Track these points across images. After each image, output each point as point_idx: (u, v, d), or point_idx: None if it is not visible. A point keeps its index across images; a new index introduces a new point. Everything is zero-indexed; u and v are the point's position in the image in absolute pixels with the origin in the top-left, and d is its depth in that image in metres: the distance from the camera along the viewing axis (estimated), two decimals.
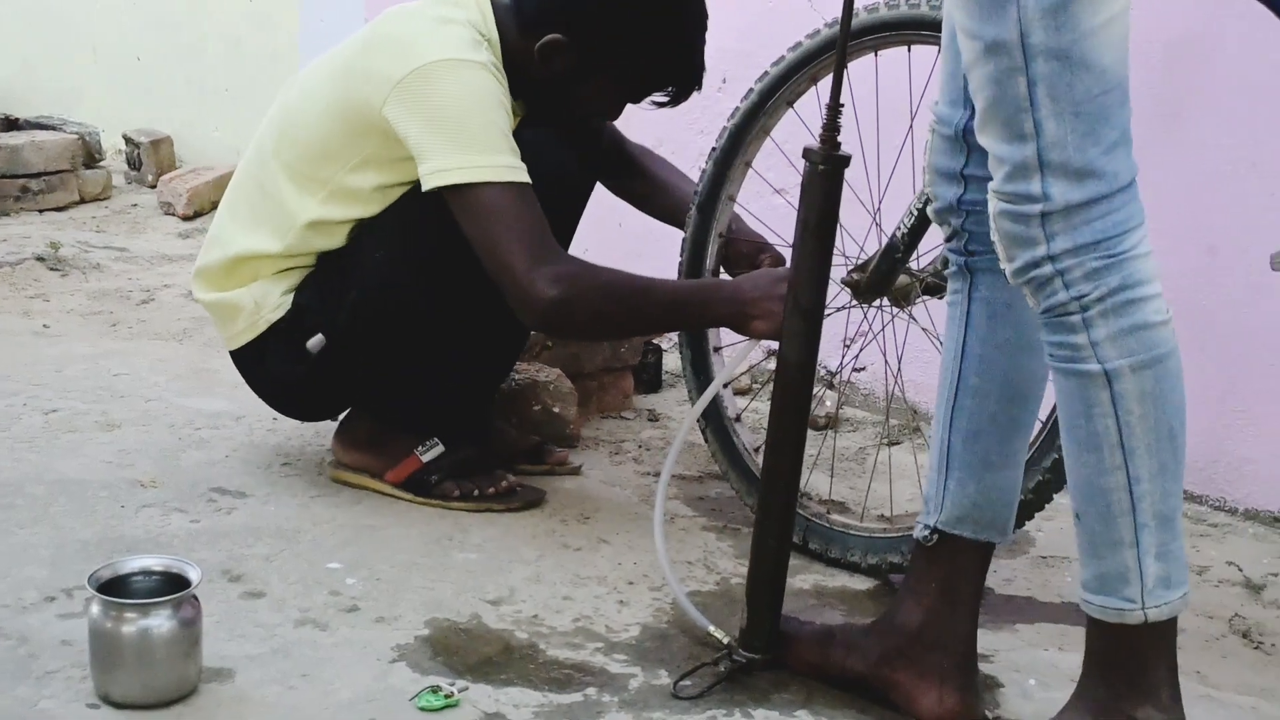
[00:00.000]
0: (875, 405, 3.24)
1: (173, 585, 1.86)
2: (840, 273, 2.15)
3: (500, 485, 2.54)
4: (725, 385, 2.51)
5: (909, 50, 2.34)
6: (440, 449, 2.53)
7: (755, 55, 2.74)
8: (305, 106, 2.44)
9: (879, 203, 2.45)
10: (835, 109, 1.87)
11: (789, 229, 1.98)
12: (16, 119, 5.04)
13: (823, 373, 3.08)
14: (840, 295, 2.28)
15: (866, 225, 2.44)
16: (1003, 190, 1.63)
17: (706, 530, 2.53)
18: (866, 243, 2.37)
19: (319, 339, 2.42)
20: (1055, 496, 2.19)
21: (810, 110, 2.41)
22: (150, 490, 2.49)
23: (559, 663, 2.01)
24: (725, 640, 2.01)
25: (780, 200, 2.85)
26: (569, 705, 1.89)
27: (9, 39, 6.03)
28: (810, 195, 1.89)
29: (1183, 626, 2.17)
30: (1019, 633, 2.20)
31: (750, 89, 2.51)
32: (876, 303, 2.33)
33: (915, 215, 2.18)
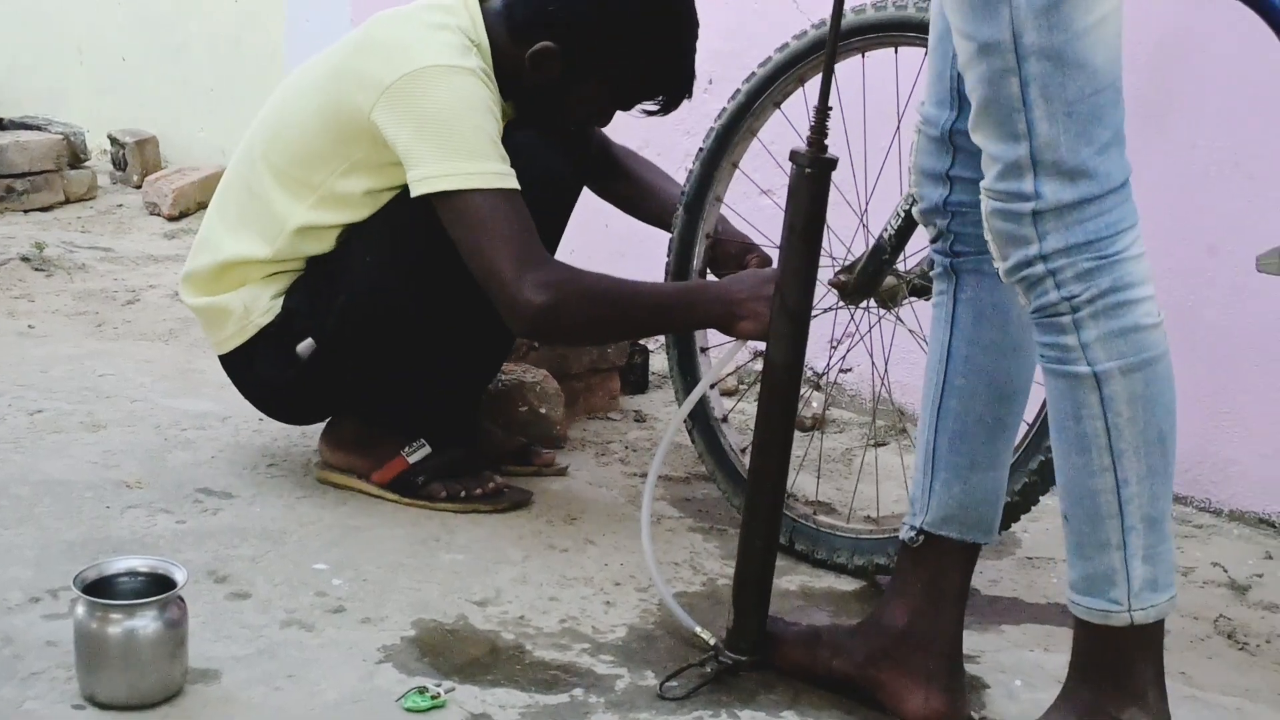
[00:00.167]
0: (862, 406, 3.25)
1: (158, 586, 1.86)
2: (827, 274, 2.15)
3: (487, 486, 2.54)
4: (712, 386, 2.52)
5: (896, 52, 2.34)
6: (427, 450, 2.52)
7: (742, 56, 2.75)
8: (294, 110, 2.43)
9: (866, 204, 2.45)
10: (823, 112, 1.87)
11: (776, 230, 1.98)
12: (1, 119, 5.02)
13: (809, 374, 3.08)
14: (827, 296, 2.29)
15: (853, 227, 2.44)
16: (994, 189, 1.63)
17: (693, 531, 2.53)
18: (853, 244, 2.37)
19: (308, 343, 2.42)
20: (1041, 498, 2.19)
21: (797, 111, 2.41)
22: (136, 491, 2.49)
23: (545, 664, 2.01)
24: (712, 641, 2.01)
25: (767, 201, 2.85)
26: (555, 706, 1.89)
27: None
28: (797, 198, 1.89)
29: (1168, 627, 2.17)
30: (1005, 634, 2.21)
31: (737, 90, 2.51)
32: (863, 304, 2.33)
33: (902, 217, 2.18)
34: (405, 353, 2.43)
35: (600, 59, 2.37)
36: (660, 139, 3.32)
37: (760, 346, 2.26)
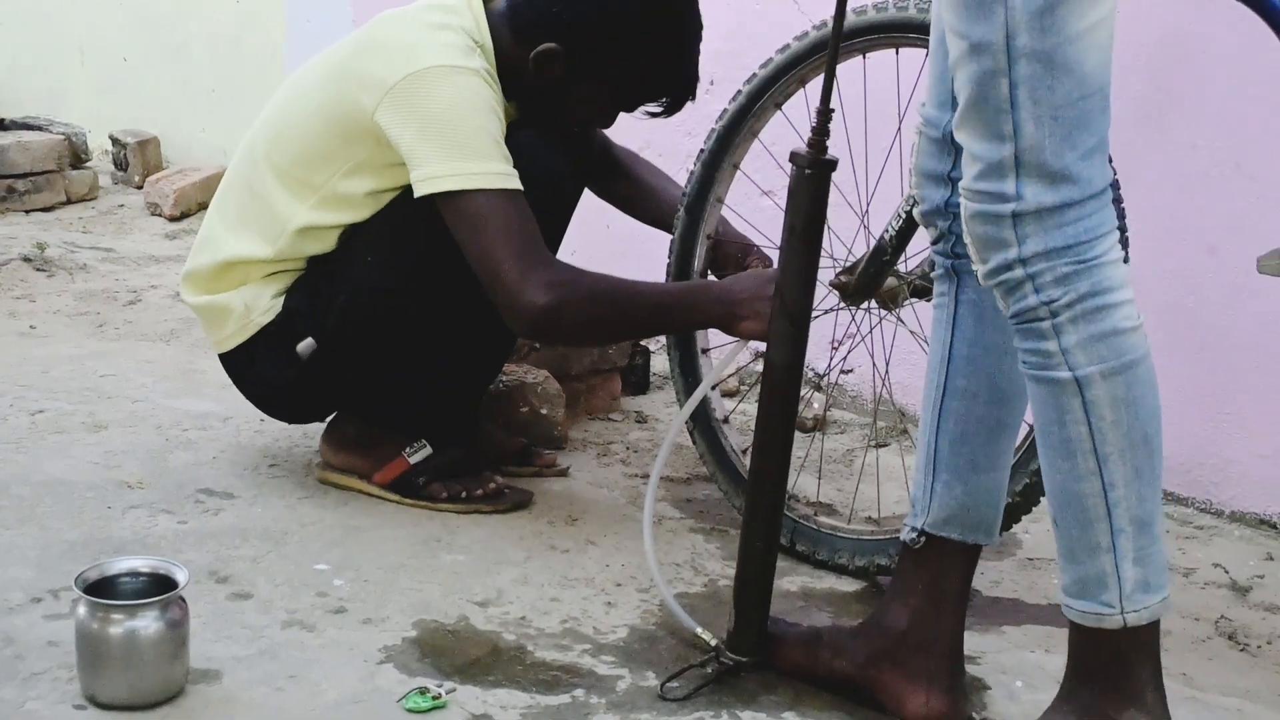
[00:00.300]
0: (863, 407, 3.25)
1: (160, 586, 1.86)
2: (828, 275, 2.15)
3: (488, 487, 2.54)
4: (713, 387, 2.52)
5: (897, 53, 2.34)
6: (428, 450, 2.53)
7: (743, 57, 2.74)
8: (297, 110, 2.43)
9: (867, 205, 2.45)
10: (825, 114, 1.86)
11: (777, 231, 1.98)
12: (2, 119, 5.02)
13: (810, 375, 3.09)
14: (828, 297, 2.29)
15: (854, 228, 2.44)
16: (974, 188, 1.63)
17: (694, 532, 2.53)
18: (854, 245, 2.37)
19: (309, 343, 2.42)
20: (1042, 499, 2.19)
21: (799, 112, 2.41)
22: (137, 491, 2.49)
23: (547, 664, 2.01)
24: (713, 642, 2.01)
25: (768, 202, 2.85)
26: (557, 707, 1.89)
27: None
28: (797, 199, 1.89)
29: (1169, 629, 2.18)
30: (1006, 635, 2.21)
31: (738, 91, 2.51)
32: (864, 305, 2.33)
33: (903, 218, 2.18)
34: (406, 353, 2.43)
35: (603, 61, 2.38)
36: (661, 140, 3.32)
37: (761, 347, 2.26)
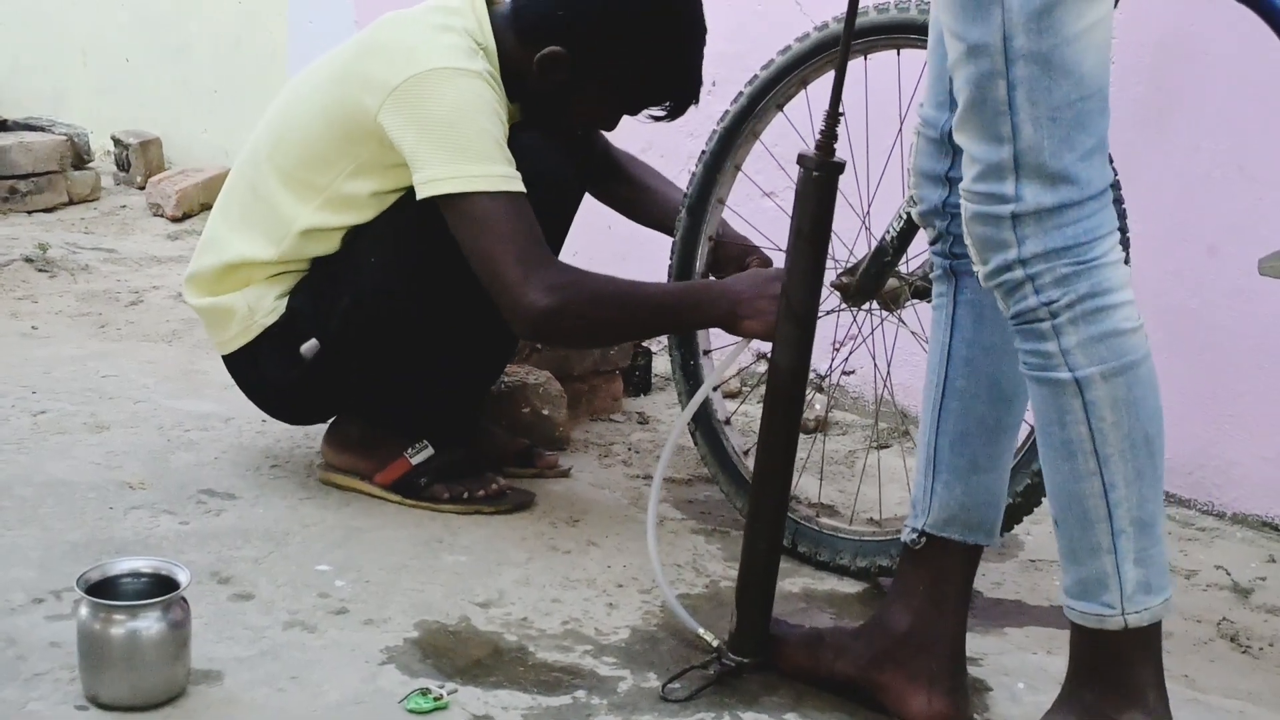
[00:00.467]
0: (864, 408, 3.25)
1: (161, 587, 1.86)
2: (830, 276, 2.15)
3: (490, 488, 2.54)
4: (715, 389, 2.51)
5: (898, 54, 2.34)
6: (430, 451, 2.53)
7: (745, 58, 2.74)
8: (300, 112, 2.43)
9: (868, 206, 2.45)
10: (834, 116, 1.86)
11: (779, 232, 1.98)
12: (5, 120, 5.02)
13: (812, 376, 3.08)
14: (830, 298, 2.29)
15: (856, 229, 2.44)
16: (973, 190, 1.63)
17: (696, 533, 2.53)
18: (855, 246, 2.37)
19: (312, 344, 2.42)
20: (1044, 500, 2.19)
21: (800, 114, 2.41)
22: (139, 492, 2.49)
23: (548, 665, 2.01)
24: (715, 643, 2.01)
25: (770, 204, 2.85)
26: (558, 708, 1.89)
27: None
28: (804, 201, 1.89)
29: (1171, 630, 2.18)
30: (1008, 636, 2.21)
31: (739, 92, 2.51)
32: (866, 306, 2.33)
33: (904, 219, 2.18)
34: (408, 354, 2.43)
35: (606, 64, 2.37)
36: (664, 141, 3.32)
37: (764, 348, 2.26)
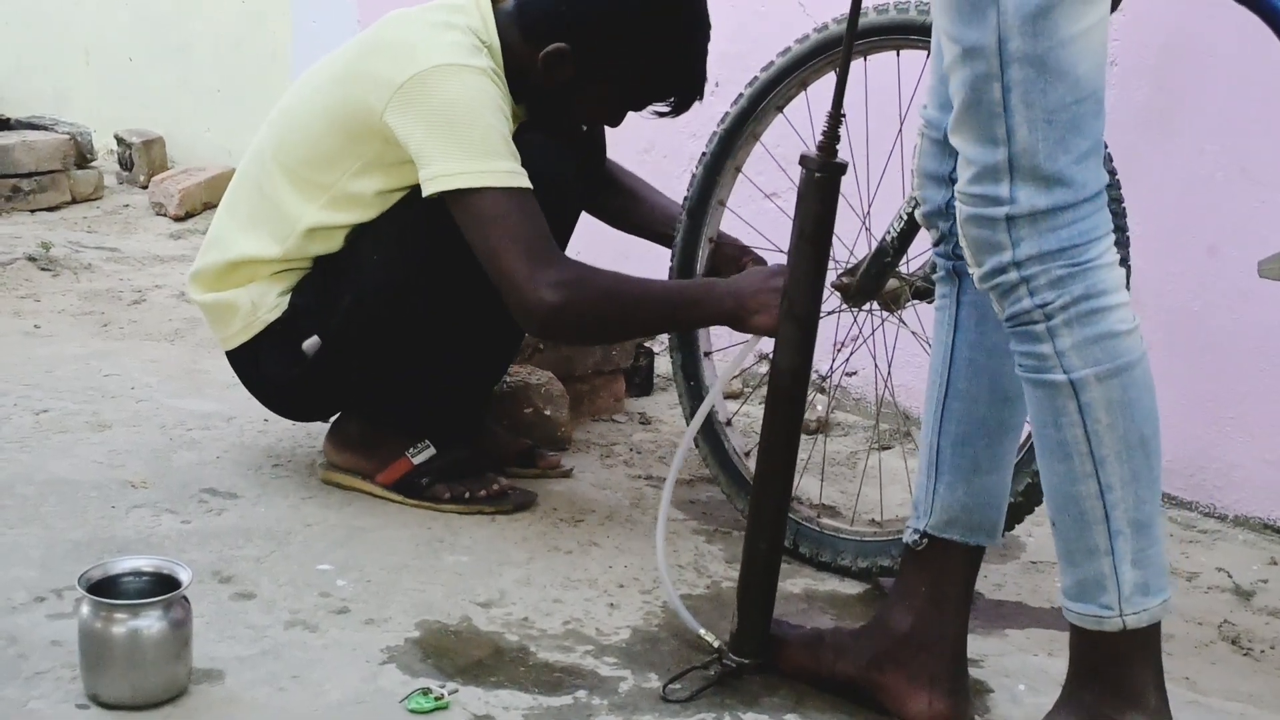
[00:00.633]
0: (866, 409, 3.25)
1: (163, 586, 1.86)
2: (830, 277, 2.15)
3: (491, 488, 2.54)
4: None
5: (898, 55, 2.34)
6: (431, 451, 2.53)
7: (747, 58, 2.74)
8: (305, 111, 2.44)
9: (869, 207, 2.45)
10: (836, 118, 1.86)
11: (780, 233, 1.98)
12: (8, 119, 5.03)
13: (813, 377, 3.08)
14: (830, 299, 2.29)
15: (856, 229, 2.44)
16: (969, 192, 1.63)
17: (697, 534, 2.53)
18: (856, 247, 2.37)
19: (314, 341, 2.42)
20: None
21: (800, 115, 2.41)
22: (141, 491, 2.49)
23: (549, 665, 2.01)
24: (716, 644, 2.01)
25: (770, 205, 2.85)
26: (559, 708, 1.89)
27: (1, 39, 6.02)
28: (806, 203, 1.89)
29: (1172, 632, 2.18)
30: (1009, 638, 2.21)
31: (740, 94, 2.51)
32: (866, 306, 2.33)
33: (905, 219, 2.18)
34: (411, 352, 2.43)
35: (609, 59, 2.37)
36: (666, 141, 3.32)
37: (765, 349, 2.26)
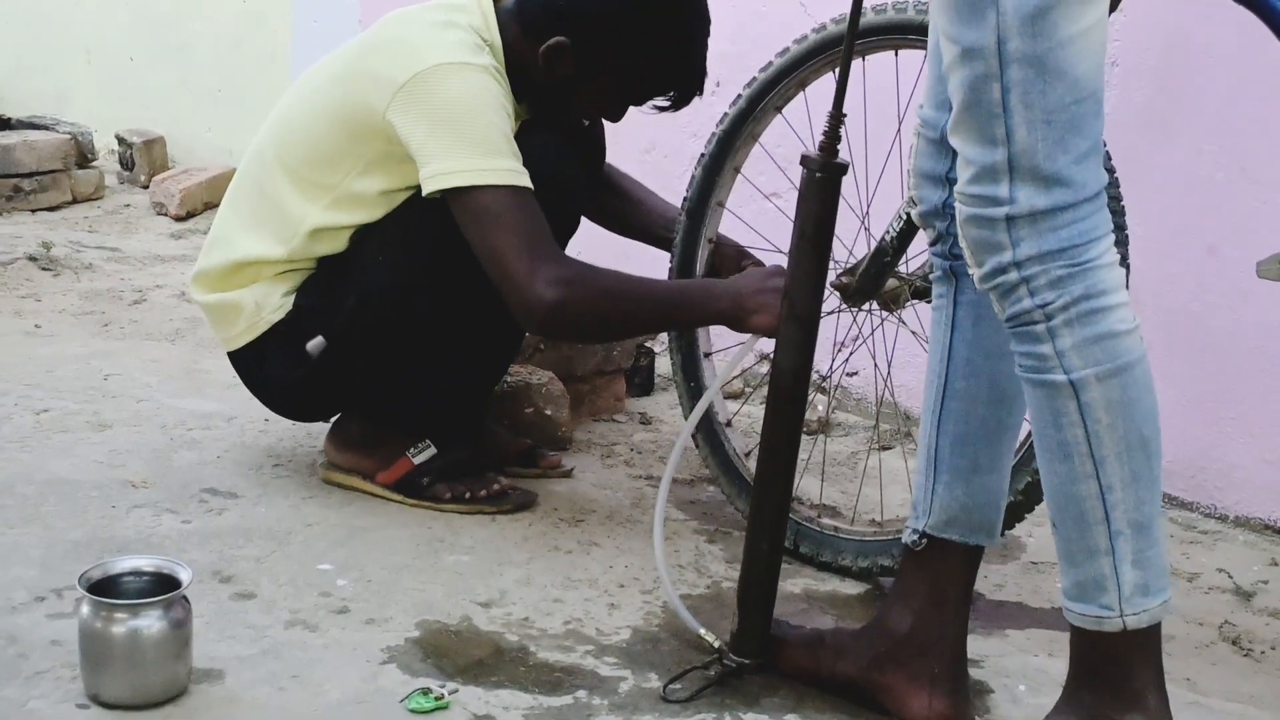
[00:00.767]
0: (867, 410, 3.25)
1: (163, 586, 1.86)
2: (830, 276, 2.15)
3: (492, 488, 2.54)
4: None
5: (896, 55, 2.34)
6: (432, 451, 2.53)
7: (748, 58, 2.74)
8: (306, 112, 2.44)
9: (868, 207, 2.45)
10: (837, 118, 1.86)
11: (780, 234, 1.98)
12: (9, 119, 5.02)
13: (814, 377, 3.08)
14: (830, 299, 2.29)
15: (855, 229, 2.44)
16: (968, 192, 1.63)
17: (698, 534, 2.53)
18: (855, 247, 2.37)
19: (318, 341, 2.42)
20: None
21: (799, 116, 2.41)
22: (141, 491, 2.49)
23: (549, 665, 2.01)
24: (716, 644, 2.01)
25: (770, 205, 2.85)
26: (559, 708, 1.89)
27: (2, 39, 6.02)
28: (807, 203, 1.89)
29: (1172, 633, 2.18)
30: (1009, 638, 2.21)
31: (738, 95, 2.51)
32: (866, 306, 2.33)
33: (904, 219, 2.18)
34: (414, 352, 2.43)
35: (612, 53, 2.37)
36: (667, 141, 3.32)
37: (765, 349, 2.26)
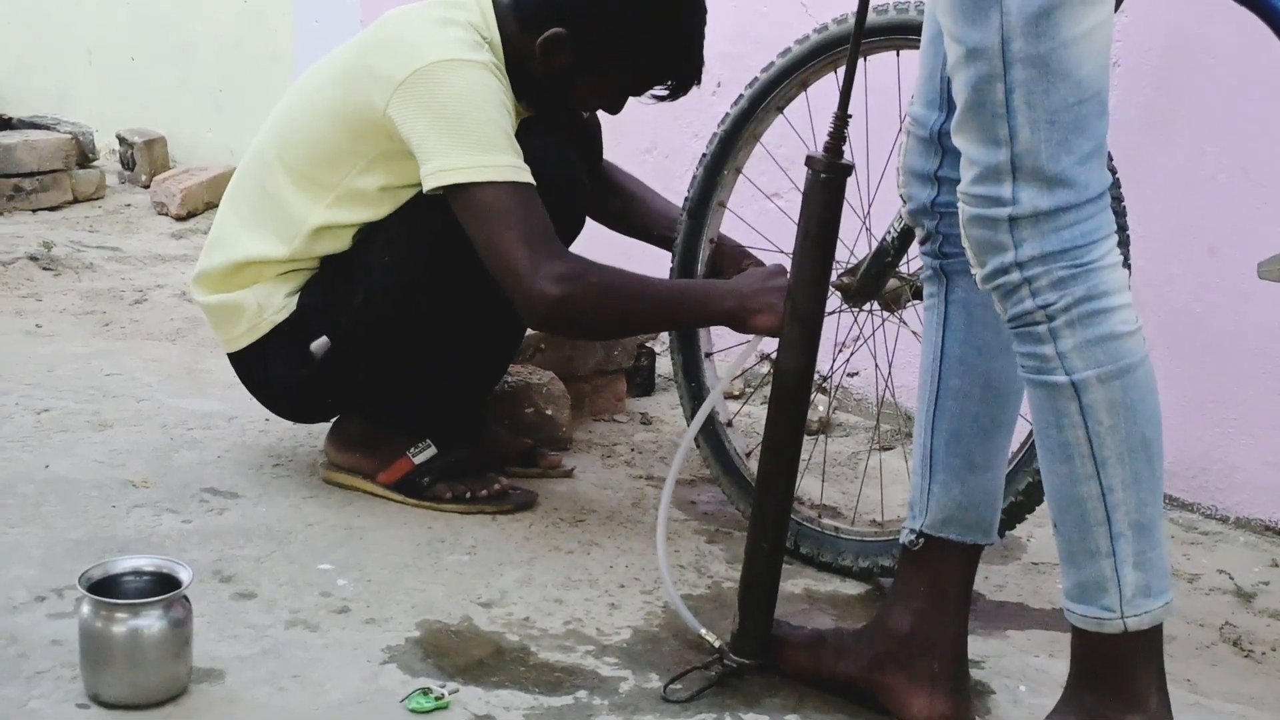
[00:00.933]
0: (868, 410, 3.24)
1: (164, 586, 1.86)
2: (831, 276, 2.15)
3: (492, 487, 2.54)
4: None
5: (898, 55, 2.34)
6: (433, 451, 2.53)
7: (749, 59, 2.74)
8: (307, 110, 2.44)
9: (869, 207, 2.45)
10: (842, 119, 1.86)
11: (781, 234, 1.98)
12: (10, 118, 5.03)
13: (815, 377, 3.08)
14: (830, 299, 2.28)
15: (856, 229, 2.44)
16: (971, 192, 1.63)
17: (698, 534, 2.53)
18: (856, 247, 2.37)
19: (323, 341, 2.42)
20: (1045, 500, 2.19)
21: (800, 116, 2.41)
22: (142, 490, 2.49)
23: (550, 665, 2.01)
24: (717, 644, 2.01)
25: (772, 205, 2.85)
26: (559, 708, 1.89)
27: (2, 38, 6.02)
28: (811, 204, 1.89)
29: (1173, 634, 2.18)
30: (1010, 639, 2.20)
31: (740, 95, 2.51)
32: (867, 306, 2.33)
33: (905, 219, 2.18)
34: (417, 351, 2.43)
35: (610, 43, 2.36)
36: (668, 141, 3.32)
37: (767, 349, 2.26)
